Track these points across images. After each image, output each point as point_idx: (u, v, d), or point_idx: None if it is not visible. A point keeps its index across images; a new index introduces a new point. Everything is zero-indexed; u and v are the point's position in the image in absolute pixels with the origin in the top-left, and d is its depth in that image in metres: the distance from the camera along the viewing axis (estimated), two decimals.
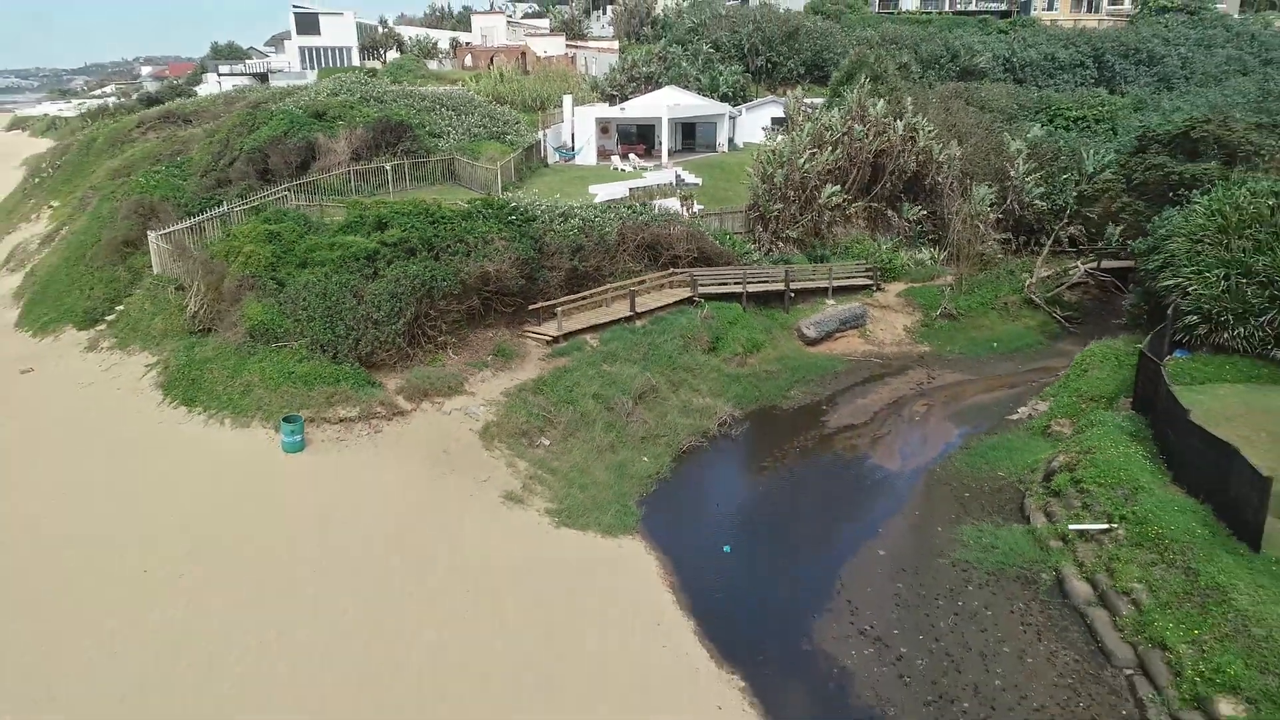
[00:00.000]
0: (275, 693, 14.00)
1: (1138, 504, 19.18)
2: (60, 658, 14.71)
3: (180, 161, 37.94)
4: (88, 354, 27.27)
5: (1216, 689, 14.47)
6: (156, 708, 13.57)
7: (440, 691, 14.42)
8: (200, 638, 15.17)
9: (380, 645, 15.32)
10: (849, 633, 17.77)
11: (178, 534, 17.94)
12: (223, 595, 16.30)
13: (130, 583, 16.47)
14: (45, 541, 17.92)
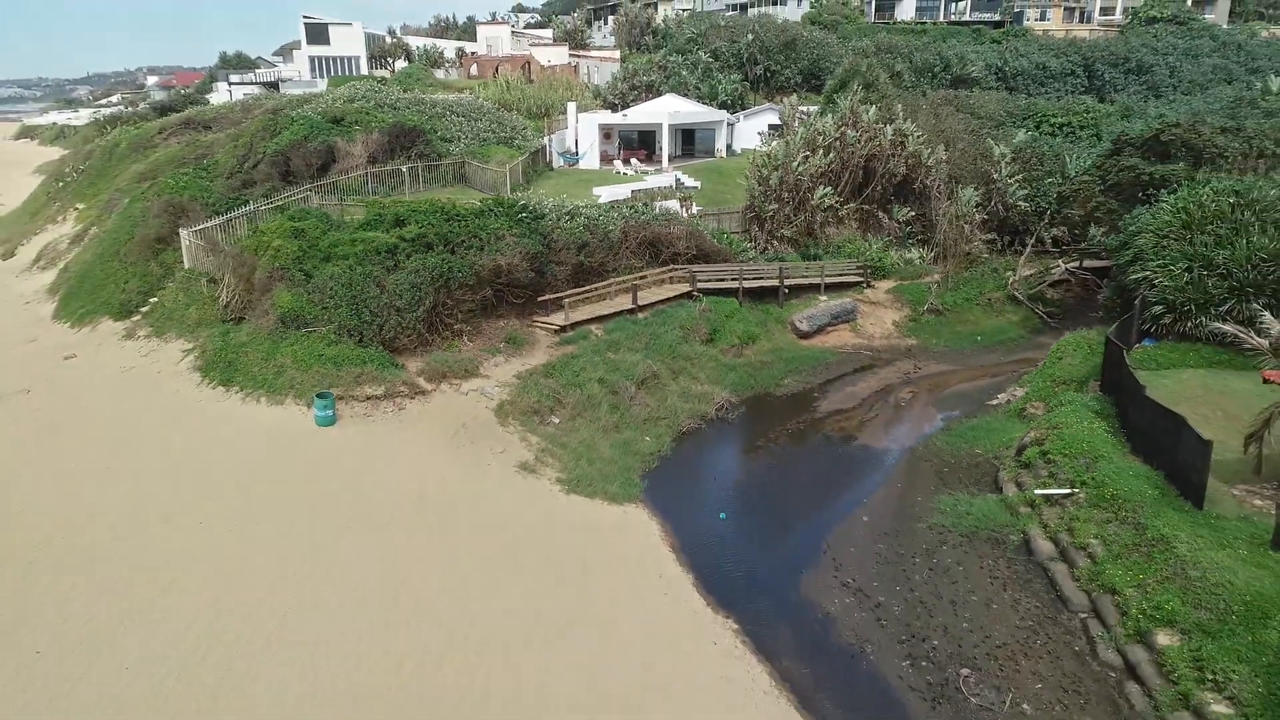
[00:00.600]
0: (324, 620, 15.86)
1: (1097, 471, 21.02)
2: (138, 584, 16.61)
3: (206, 164, 39.97)
4: (125, 342, 29.21)
5: (1156, 623, 16.28)
6: (228, 629, 15.43)
7: (468, 623, 16.26)
8: (255, 576, 17.04)
9: (411, 586, 17.19)
10: (832, 585, 19.59)
11: (228, 492, 19.86)
12: (271, 545, 18.19)
13: (189, 531, 18.39)
14: (108, 499, 19.81)
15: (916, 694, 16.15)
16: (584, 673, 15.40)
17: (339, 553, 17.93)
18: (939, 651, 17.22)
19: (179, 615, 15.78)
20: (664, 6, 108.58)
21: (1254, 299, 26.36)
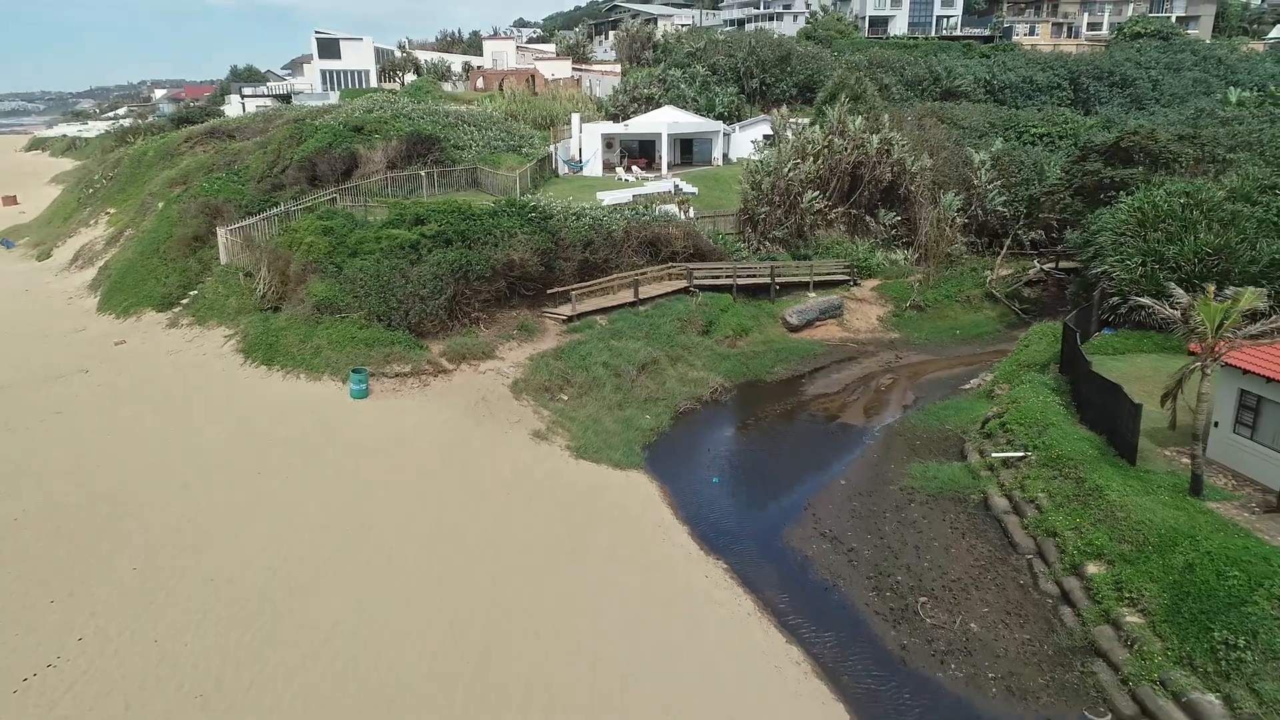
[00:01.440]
0: (374, 544, 18.53)
1: (1048, 436, 23.66)
2: (205, 525, 19.23)
3: (237, 170, 42.75)
4: (169, 330, 31.90)
5: (1087, 557, 18.91)
6: (292, 553, 18.04)
7: (495, 550, 18.92)
8: (309, 514, 19.68)
9: (444, 521, 19.85)
10: (811, 535, 22.19)
11: (277, 449, 22.51)
12: (320, 491, 20.84)
13: (248, 478, 21.06)
14: (172, 455, 22.45)
15: (880, 617, 18.73)
16: (594, 589, 18.04)
17: (381, 494, 20.62)
18: (901, 585, 19.80)
19: (250, 543, 18.46)
20: (663, 22, 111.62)
21: (1196, 289, 29.01)
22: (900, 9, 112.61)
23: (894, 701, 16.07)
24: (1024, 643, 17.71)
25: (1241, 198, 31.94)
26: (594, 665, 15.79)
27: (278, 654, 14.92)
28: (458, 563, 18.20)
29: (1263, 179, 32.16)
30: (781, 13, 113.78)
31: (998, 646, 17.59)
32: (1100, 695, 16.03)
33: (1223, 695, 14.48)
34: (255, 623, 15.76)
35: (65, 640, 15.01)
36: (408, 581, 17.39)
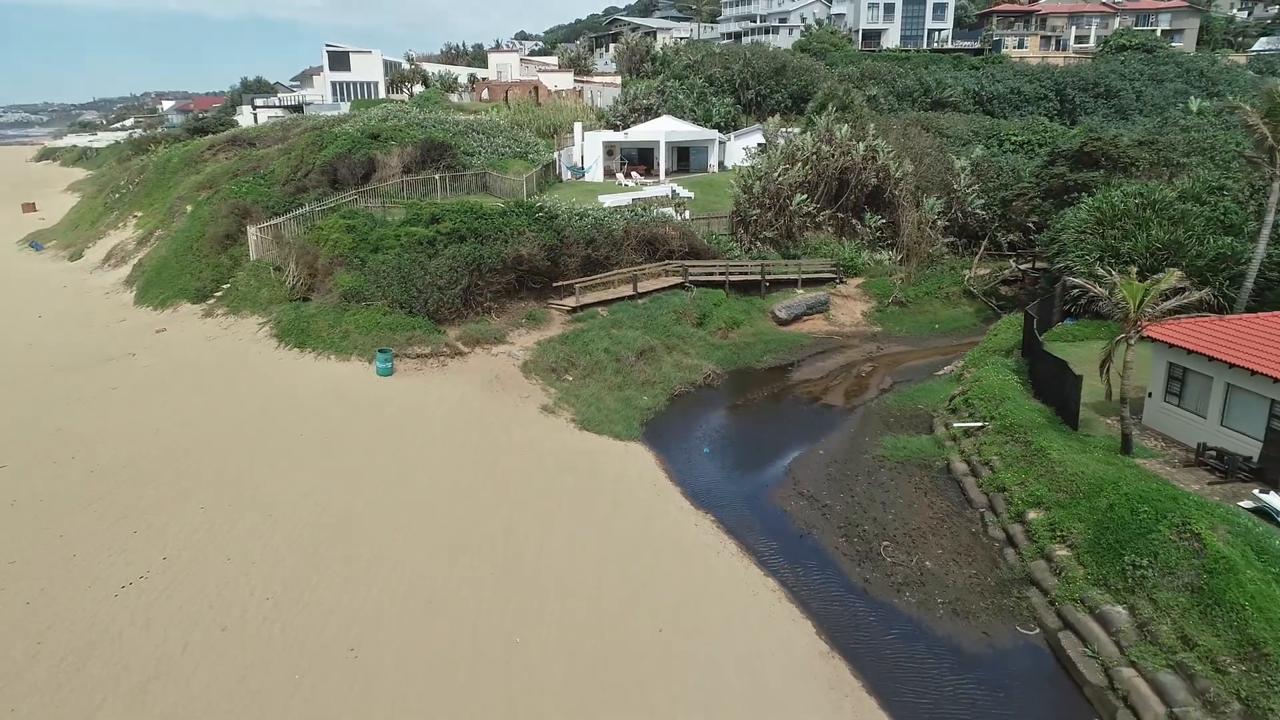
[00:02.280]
0: (403, 494, 21.24)
1: (1004, 409, 26.37)
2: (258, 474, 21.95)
3: (263, 174, 45.61)
4: (206, 319, 34.70)
5: (1029, 506, 21.59)
6: (334, 499, 20.75)
7: (510, 500, 21.64)
8: (345, 471, 22.39)
9: (464, 477, 22.59)
10: (791, 494, 24.88)
11: (314, 418, 25.26)
12: (354, 452, 23.58)
13: (289, 441, 23.80)
14: (220, 422, 25.22)
15: (847, 558, 21.41)
16: (598, 528, 20.79)
17: (410, 450, 23.46)
18: (867, 533, 22.49)
19: (299, 487, 21.25)
20: (662, 35, 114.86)
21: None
22: (893, 22, 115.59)
23: (854, 619, 18.76)
24: (970, 576, 20.40)
25: (1191, 198, 34.72)
26: (598, 584, 18.50)
27: (332, 568, 17.72)
28: (479, 503, 20.97)
29: (1211, 181, 34.94)
30: (777, 26, 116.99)
31: (947, 580, 20.28)
32: (1031, 614, 18.72)
33: (1128, 606, 17.16)
34: (310, 546, 18.57)
35: (152, 559, 17.74)
36: (436, 517, 20.16)
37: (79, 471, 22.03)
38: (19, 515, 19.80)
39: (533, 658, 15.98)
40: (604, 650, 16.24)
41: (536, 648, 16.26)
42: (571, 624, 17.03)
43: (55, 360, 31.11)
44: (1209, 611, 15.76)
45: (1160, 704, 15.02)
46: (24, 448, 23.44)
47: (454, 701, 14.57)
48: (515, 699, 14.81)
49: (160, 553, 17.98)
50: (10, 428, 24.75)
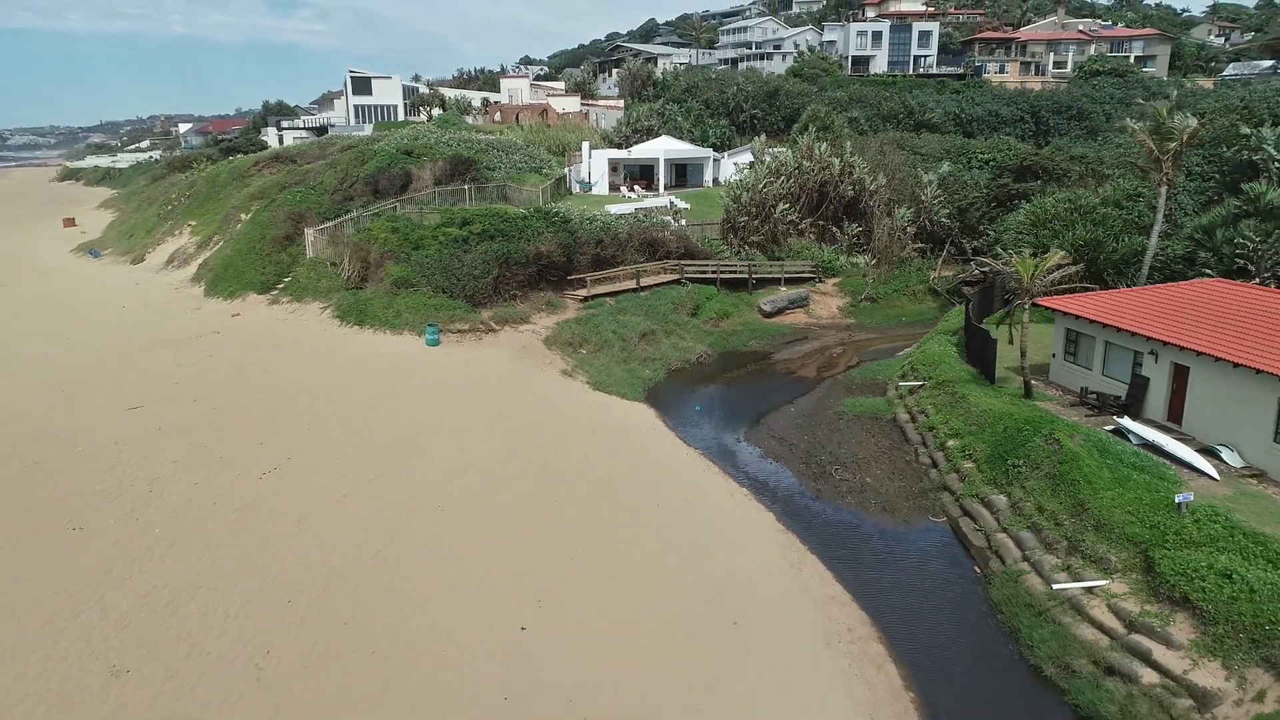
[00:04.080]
0: (453, 428, 27.14)
1: (939, 370, 32.29)
2: (340, 414, 27.84)
3: (311, 185, 51.81)
4: (272, 306, 40.76)
5: (949, 437, 27.44)
6: (399, 432, 26.64)
7: (540, 431, 27.51)
8: (409, 418, 28.30)
9: (502, 424, 28.42)
10: (764, 437, 30.74)
11: (378, 379, 31.21)
12: (414, 403, 29.47)
13: (359, 397, 29.71)
14: (300, 382, 31.14)
15: (805, 476, 27.24)
16: (609, 452, 26.66)
17: (455, 400, 29.39)
18: (823, 461, 28.33)
19: (372, 423, 27.12)
20: (663, 61, 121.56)
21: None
22: (880, 49, 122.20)
23: (805, 512, 24.60)
24: (899, 487, 26.28)
25: (1112, 203, 40.81)
26: (609, 477, 24.44)
27: (412, 463, 23.79)
28: (515, 430, 26.95)
29: (1129, 189, 41.00)
30: (771, 53, 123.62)
31: (881, 489, 26.16)
32: (941, 509, 24.57)
33: (1006, 494, 23.02)
34: (393, 452, 24.69)
35: (278, 458, 23.72)
36: (482, 436, 26.11)
37: (203, 409, 28.02)
38: (168, 435, 25.85)
39: (564, 515, 21.90)
40: (614, 515, 22.17)
41: (566, 512, 22.18)
42: (591, 498, 23.06)
43: (153, 337, 37.16)
44: (1058, 489, 21.63)
45: (1018, 550, 20.85)
46: (153, 395, 29.46)
47: (519, 532, 20.50)
48: (551, 534, 20.70)
49: (284, 455, 23.93)
50: (138, 383, 30.80)
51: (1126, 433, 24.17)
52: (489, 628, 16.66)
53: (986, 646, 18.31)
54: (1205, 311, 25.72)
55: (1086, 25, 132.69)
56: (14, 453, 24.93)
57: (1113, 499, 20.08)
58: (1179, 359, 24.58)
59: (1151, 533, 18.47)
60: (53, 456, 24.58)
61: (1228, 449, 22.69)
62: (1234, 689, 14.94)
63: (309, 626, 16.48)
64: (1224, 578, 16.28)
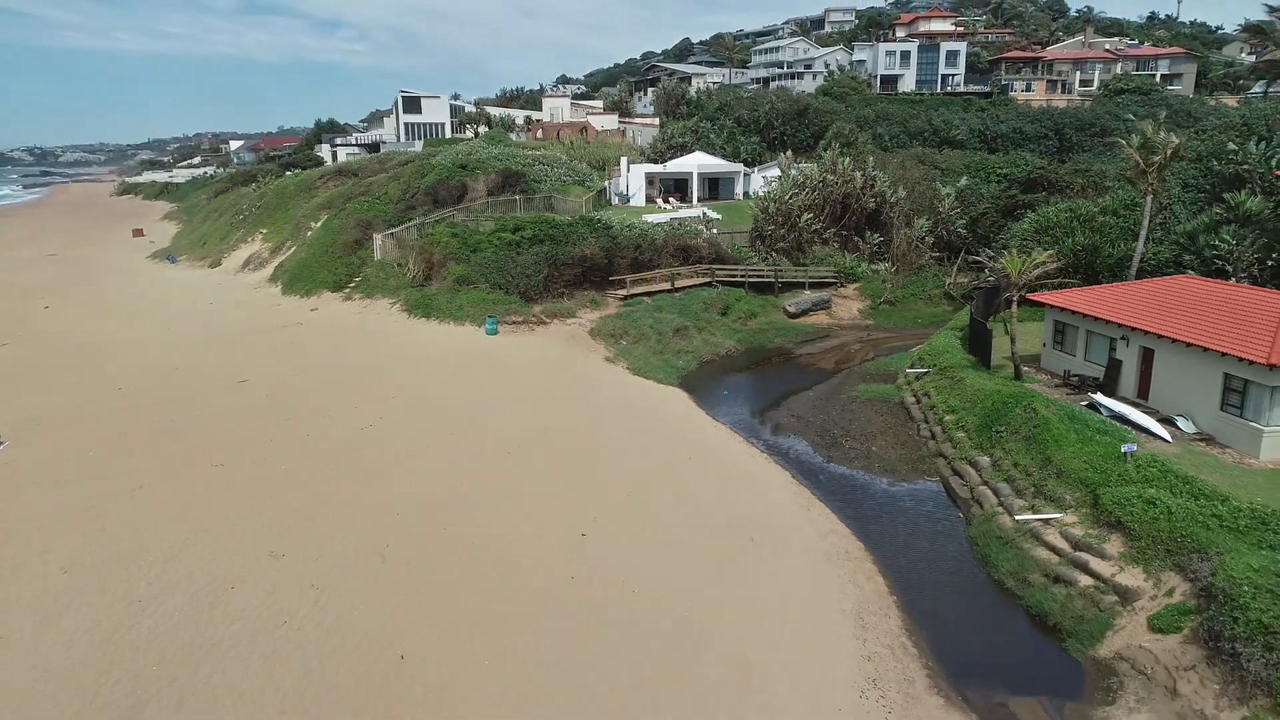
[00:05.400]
0: (512, 398, 31.51)
1: (943, 359, 36.13)
2: (416, 387, 32.37)
3: (377, 196, 56.94)
4: (345, 302, 45.66)
5: (947, 413, 31.27)
6: (471, 401, 31.05)
7: (585, 407, 31.79)
8: (470, 393, 32.74)
9: (555, 396, 32.77)
10: (785, 416, 34.75)
11: (446, 362, 35.78)
12: (473, 382, 33.95)
13: (427, 375, 34.26)
14: (376, 363, 35.77)
15: (818, 446, 31.19)
16: (646, 425, 30.84)
17: (514, 377, 33.91)
18: (834, 433, 32.29)
19: (445, 394, 31.61)
20: (697, 80, 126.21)
21: (1073, 275, 41.46)
22: (909, 68, 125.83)
23: (816, 471, 28.58)
24: (900, 455, 30.16)
25: (1110, 212, 44.34)
26: (649, 443, 28.61)
27: (475, 430, 28.11)
28: (563, 403, 31.33)
29: (1127, 199, 44.51)
30: (802, 72, 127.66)
31: (884, 456, 30.06)
32: (935, 472, 28.39)
33: (990, 455, 26.83)
34: (461, 418, 29.05)
35: (371, 418, 28.32)
36: (537, 413, 30.47)
37: (300, 383, 32.80)
38: (275, 402, 30.63)
39: (611, 463, 26.15)
40: (652, 463, 26.42)
41: (613, 460, 26.42)
42: (633, 451, 27.42)
43: (243, 327, 42.18)
44: (1031, 448, 25.42)
45: (995, 498, 24.66)
46: (254, 372, 34.29)
47: (574, 472, 24.75)
48: (601, 475, 24.91)
49: (376, 416, 28.56)
50: (239, 363, 35.71)
51: (1099, 406, 27.85)
52: (555, 534, 20.93)
53: (960, 568, 22.19)
54: (1171, 302, 29.35)
55: (1113, 44, 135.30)
56: (152, 415, 29.81)
57: (1074, 453, 23.86)
58: (1145, 343, 28.25)
59: (1100, 476, 22.26)
60: (183, 418, 29.42)
61: (1183, 418, 26.32)
62: (1151, 587, 18.69)
63: (414, 530, 20.94)
64: (1149, 504, 20.05)
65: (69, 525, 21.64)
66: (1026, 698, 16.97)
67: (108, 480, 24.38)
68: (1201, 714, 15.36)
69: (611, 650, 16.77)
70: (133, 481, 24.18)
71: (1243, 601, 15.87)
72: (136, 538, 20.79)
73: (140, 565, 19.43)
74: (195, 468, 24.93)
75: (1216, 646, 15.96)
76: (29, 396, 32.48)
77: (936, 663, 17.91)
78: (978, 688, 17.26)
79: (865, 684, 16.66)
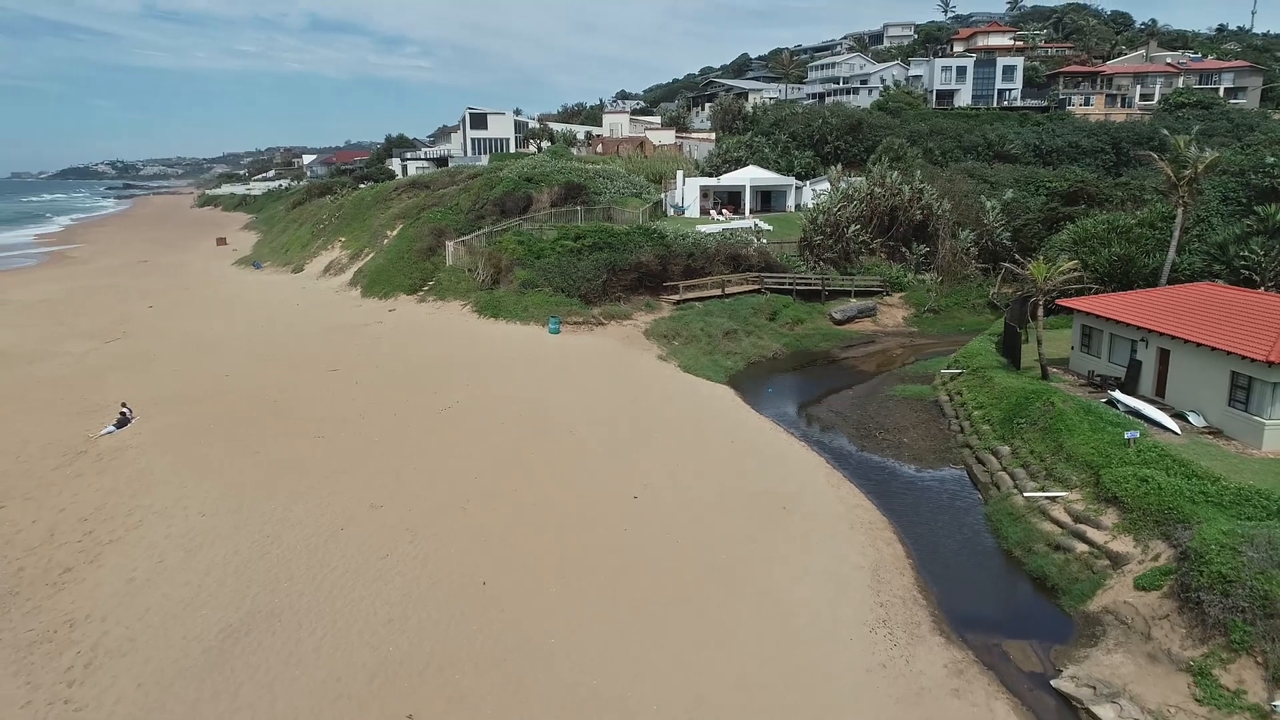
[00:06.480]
0: (575, 389, 34.76)
1: (976, 360, 38.40)
2: (489, 376, 35.87)
3: (448, 206, 61.17)
4: (420, 304, 49.65)
5: (975, 409, 33.62)
6: (538, 389, 34.42)
7: (642, 398, 34.89)
8: (540, 382, 36.13)
9: (612, 388, 35.96)
10: (825, 411, 37.39)
11: (516, 356, 39.31)
12: (539, 375, 37.35)
13: (499, 366, 37.78)
14: (452, 357, 39.45)
15: (853, 437, 33.78)
16: (696, 414, 33.81)
17: (575, 371, 37.23)
18: (869, 427, 34.83)
19: (514, 382, 35.10)
20: (753, 96, 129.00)
21: (1108, 283, 43.28)
22: (965, 83, 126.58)
23: (850, 457, 31.19)
24: (929, 446, 32.58)
25: (1147, 224, 45.95)
26: (696, 429, 31.56)
27: (543, 412, 31.37)
28: (622, 396, 34.45)
29: (1164, 211, 46.07)
30: (858, 87, 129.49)
31: (914, 446, 32.52)
32: (960, 460, 30.79)
33: (1009, 444, 29.16)
34: (528, 404, 32.43)
35: (449, 402, 31.90)
36: (595, 402, 33.71)
37: (384, 372, 36.67)
38: (363, 388, 34.53)
39: (662, 443, 29.17)
40: (698, 444, 29.45)
41: (664, 440, 29.43)
42: (681, 434, 30.43)
43: (329, 325, 46.40)
44: (1046, 437, 27.72)
45: (1011, 481, 27.03)
46: (345, 361, 38.33)
47: (629, 449, 27.85)
48: (652, 452, 27.94)
49: (453, 400, 32.18)
50: (328, 355, 39.82)
51: (1116, 402, 29.96)
52: (610, 497, 24.12)
53: (973, 540, 24.66)
54: (1190, 307, 31.30)
55: (1175, 58, 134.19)
56: (257, 396, 33.90)
57: (1083, 440, 26.14)
58: (1162, 344, 30.29)
59: (1103, 460, 24.54)
60: (285, 399, 33.43)
61: (1194, 414, 28.32)
62: (1139, 553, 21.00)
63: (490, 490, 24.40)
64: (1142, 481, 22.34)
65: (200, 481, 25.55)
66: (1018, 640, 19.48)
67: (226, 446, 28.36)
68: (1168, 653, 17.71)
69: (656, 585, 19.81)
70: (248, 448, 28.10)
71: (1208, 557, 18.17)
72: (257, 491, 24.59)
73: (263, 512, 23.15)
74: (300, 438, 28.76)
75: (1185, 597, 18.28)
76: (149, 381, 36.90)
77: (942, 612, 20.50)
78: (976, 632, 19.82)
79: (876, 623, 19.36)
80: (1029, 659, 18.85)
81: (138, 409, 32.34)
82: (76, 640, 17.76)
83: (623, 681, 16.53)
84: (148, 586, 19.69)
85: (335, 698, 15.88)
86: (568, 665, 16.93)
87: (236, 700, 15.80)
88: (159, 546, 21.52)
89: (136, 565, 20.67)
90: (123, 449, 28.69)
